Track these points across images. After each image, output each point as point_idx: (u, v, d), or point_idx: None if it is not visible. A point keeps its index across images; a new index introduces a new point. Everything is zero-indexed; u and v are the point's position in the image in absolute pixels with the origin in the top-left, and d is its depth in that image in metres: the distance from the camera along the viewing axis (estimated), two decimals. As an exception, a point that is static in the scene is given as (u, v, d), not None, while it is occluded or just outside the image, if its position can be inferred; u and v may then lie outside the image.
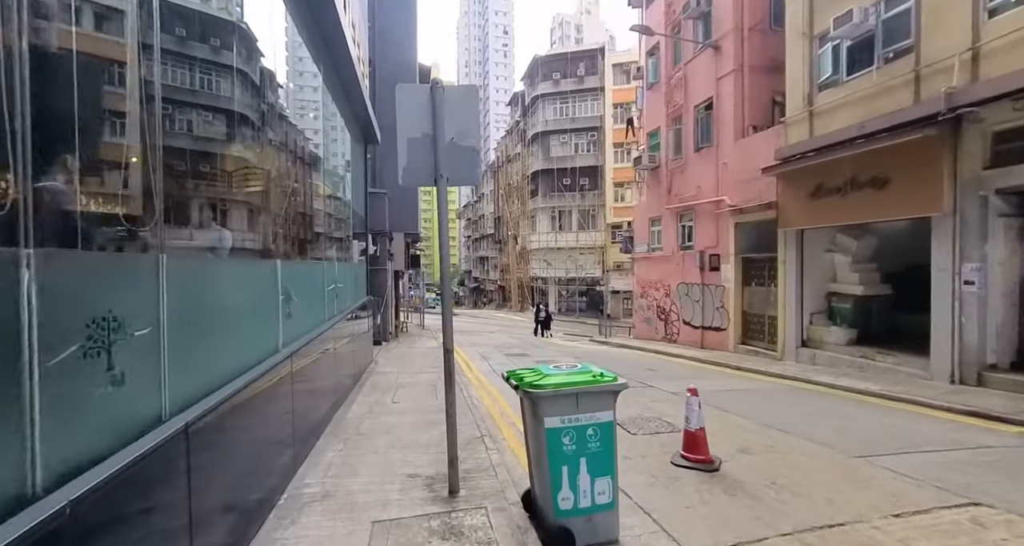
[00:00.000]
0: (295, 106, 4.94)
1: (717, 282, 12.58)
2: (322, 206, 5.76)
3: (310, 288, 4.51)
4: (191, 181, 2.69)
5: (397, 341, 14.83)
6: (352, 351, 6.82)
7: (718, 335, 12.51)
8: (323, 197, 5.90)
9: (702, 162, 13.20)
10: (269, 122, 3.84)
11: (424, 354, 11.64)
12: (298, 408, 3.64)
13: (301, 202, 4.76)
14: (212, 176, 3.06)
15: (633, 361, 11.04)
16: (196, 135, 2.82)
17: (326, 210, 6.00)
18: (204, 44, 2.90)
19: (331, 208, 6.51)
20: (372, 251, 13.03)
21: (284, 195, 4.03)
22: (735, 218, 11.81)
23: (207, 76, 2.89)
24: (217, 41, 3.03)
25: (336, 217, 6.83)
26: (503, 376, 3.07)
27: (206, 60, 2.89)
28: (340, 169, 7.65)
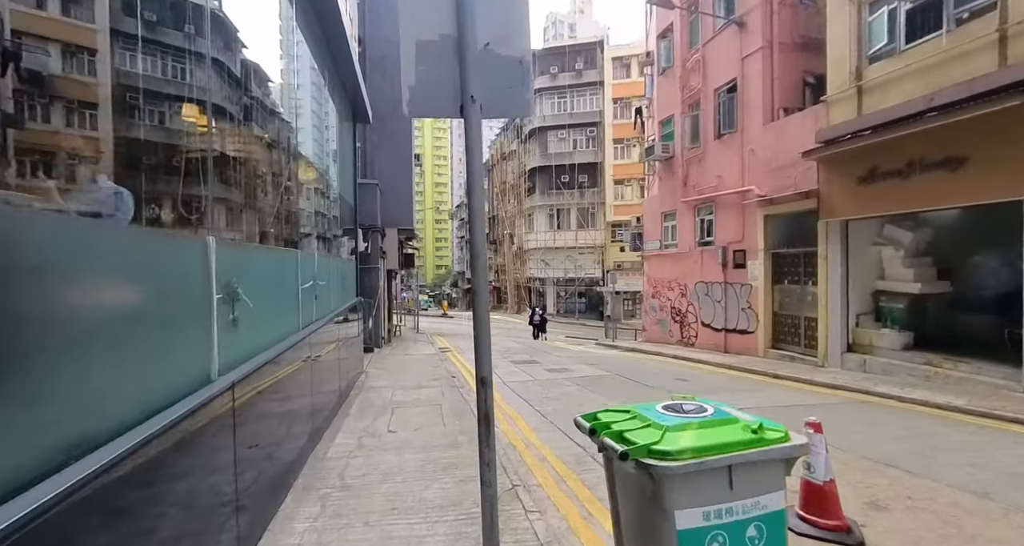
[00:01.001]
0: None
1: (743, 280, 11.49)
2: (297, 177, 4.53)
3: (275, 286, 3.27)
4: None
5: (390, 347, 13.56)
6: (338, 361, 5.58)
7: (744, 338, 11.41)
8: (297, 165, 4.66)
9: (724, 150, 12.12)
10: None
11: (421, 362, 10.39)
12: (248, 459, 2.42)
13: (263, 168, 3.53)
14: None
15: (656, 369, 9.89)
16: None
17: (304, 183, 4.78)
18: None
19: (310, 180, 5.27)
20: (363, 248, 11.77)
21: (231, 149, 2.81)
22: (764, 210, 10.73)
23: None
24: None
25: (319, 195, 5.60)
26: (579, 424, 1.87)
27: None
28: (324, 141, 6.40)
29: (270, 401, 2.94)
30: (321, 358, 4.57)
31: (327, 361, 4.94)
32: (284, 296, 3.47)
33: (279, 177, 3.96)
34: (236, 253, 2.63)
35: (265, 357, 2.75)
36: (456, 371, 9.24)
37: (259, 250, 2.91)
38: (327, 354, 4.90)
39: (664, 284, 15.03)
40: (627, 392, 7.17)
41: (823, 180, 9.02)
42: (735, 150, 11.66)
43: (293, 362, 3.47)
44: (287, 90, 4.70)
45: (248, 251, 2.80)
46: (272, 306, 3.15)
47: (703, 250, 13.07)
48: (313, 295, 4.30)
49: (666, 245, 15.09)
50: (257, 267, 2.82)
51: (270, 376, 2.89)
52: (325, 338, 4.72)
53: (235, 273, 2.44)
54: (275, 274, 3.21)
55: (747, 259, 11.35)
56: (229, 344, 2.32)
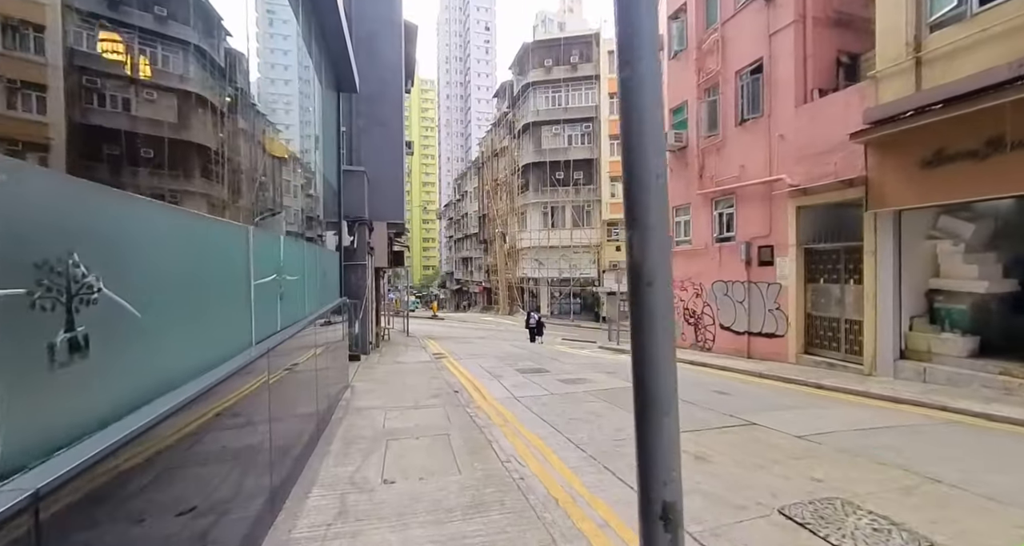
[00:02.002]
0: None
1: (769, 279, 10.48)
2: (249, 121, 3.26)
3: (198, 278, 2.00)
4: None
5: (379, 353, 12.24)
6: (316, 377, 4.32)
7: (772, 343, 10.39)
8: (247, 102, 3.38)
9: (747, 137, 11.11)
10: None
11: (416, 372, 9.12)
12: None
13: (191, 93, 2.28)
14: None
15: (683, 378, 8.75)
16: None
17: (266, 137, 3.51)
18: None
19: (275, 138, 3.98)
20: (348, 243, 10.45)
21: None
22: (796, 201, 9.72)
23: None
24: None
25: (293, 163, 4.32)
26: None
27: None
28: (301, 97, 5.09)
29: (193, 458, 1.71)
30: (291, 377, 3.31)
31: (301, 379, 3.68)
32: (219, 296, 2.21)
33: (214, 108, 2.69)
34: (110, 211, 1.39)
35: (168, 404, 1.50)
36: (456, 383, 8.00)
37: (155, 210, 1.65)
38: (301, 369, 3.64)
39: (676, 284, 13.96)
40: (667, 411, 6.00)
41: (873, 165, 8.01)
42: (760, 137, 10.64)
43: (239, 391, 2.22)
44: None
45: (121, 203, 1.50)
46: (192, 311, 1.89)
47: (722, 246, 12.05)
48: (277, 294, 3.04)
49: (678, 242, 14.04)
50: (147, 241, 1.57)
51: (192, 420, 1.65)
52: (297, 350, 3.47)
53: (100, 253, 1.20)
54: (197, 257, 1.95)
55: (775, 256, 10.34)
56: (65, 403, 1.07)
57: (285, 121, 4.75)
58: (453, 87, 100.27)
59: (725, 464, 3.96)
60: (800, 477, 3.66)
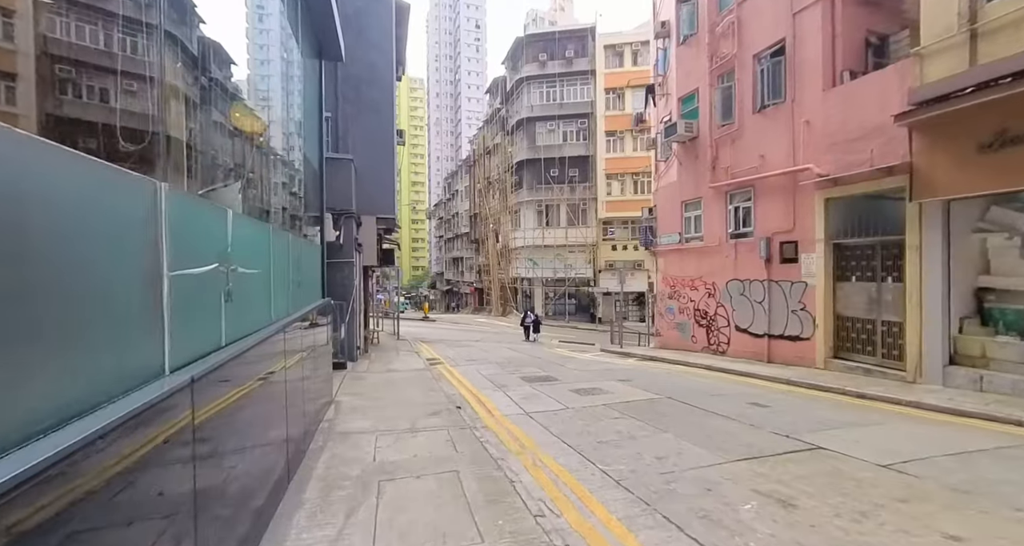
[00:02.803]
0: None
1: (793, 277, 9.70)
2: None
3: (40, 268, 1.01)
4: None
5: (368, 359, 11.21)
6: (290, 396, 3.35)
7: (796, 346, 9.60)
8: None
9: (767, 124, 10.33)
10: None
11: (410, 381, 8.14)
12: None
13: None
14: None
15: (707, 386, 7.92)
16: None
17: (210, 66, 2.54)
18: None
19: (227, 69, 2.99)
20: (333, 237, 9.44)
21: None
22: (825, 192, 8.95)
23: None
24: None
25: (251, 117, 3.34)
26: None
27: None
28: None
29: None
30: (246, 403, 2.35)
31: (262, 404, 2.72)
32: (83, 296, 1.25)
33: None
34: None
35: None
36: (457, 395, 7.04)
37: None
38: (262, 393, 2.68)
39: (685, 283, 13.17)
40: (707, 430, 5.14)
41: (919, 151, 7.24)
42: (783, 124, 9.87)
43: (136, 446, 1.25)
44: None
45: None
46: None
47: (737, 243, 11.26)
48: (219, 293, 2.07)
49: (687, 238, 13.25)
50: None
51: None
52: (258, 365, 2.50)
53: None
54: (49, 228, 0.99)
55: (799, 252, 9.56)
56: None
57: (258, 82, 3.77)
58: (443, 85, 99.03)
59: (820, 512, 3.08)
60: (927, 532, 2.79)
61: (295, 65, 5.09)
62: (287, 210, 3.88)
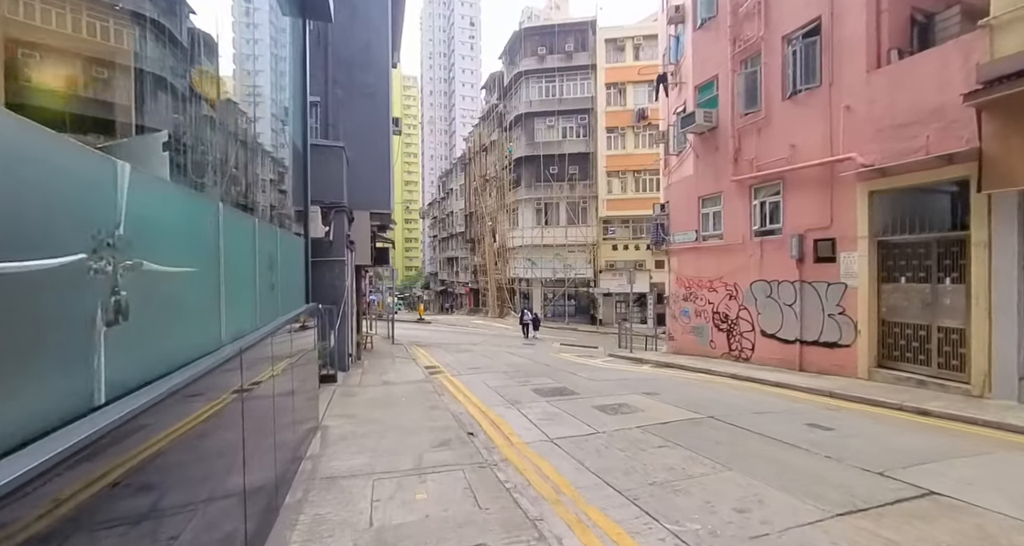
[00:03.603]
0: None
1: (830, 278, 8.84)
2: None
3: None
4: None
5: (361, 369, 10.18)
6: (254, 440, 2.37)
7: (834, 354, 8.75)
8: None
9: (799, 111, 9.48)
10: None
11: (411, 398, 7.14)
12: None
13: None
14: None
15: (745, 401, 7.01)
16: None
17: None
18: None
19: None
20: (324, 232, 8.42)
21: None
22: (870, 184, 8.10)
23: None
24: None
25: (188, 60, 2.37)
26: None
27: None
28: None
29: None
30: (175, 464, 1.36)
31: (205, 463, 1.73)
32: None
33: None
34: None
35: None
36: (466, 415, 6.07)
37: None
38: (206, 448, 1.70)
39: (703, 284, 12.30)
40: (779, 465, 4.23)
41: (990, 134, 6.39)
42: (818, 110, 9.01)
43: None
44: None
45: None
46: None
47: (763, 241, 10.40)
48: (99, 306, 1.10)
49: (705, 236, 12.38)
50: None
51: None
52: (182, 415, 1.53)
53: None
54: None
55: (837, 251, 8.71)
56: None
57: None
58: (437, 83, 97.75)
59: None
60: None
61: (267, 13, 4.10)
62: (253, 189, 2.91)
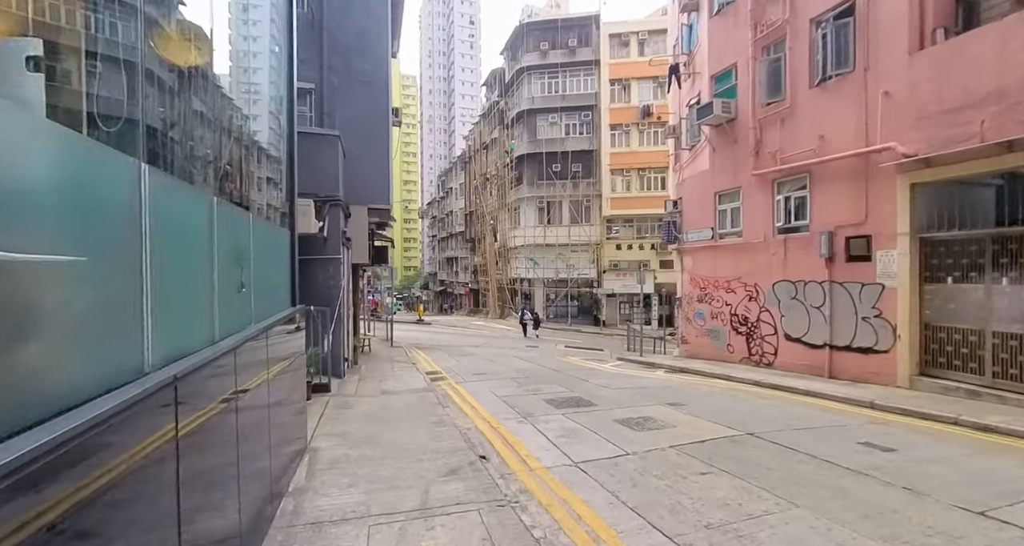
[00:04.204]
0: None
1: (864, 278, 8.19)
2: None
3: None
4: None
5: (358, 375, 9.48)
6: (203, 487, 1.67)
7: (869, 360, 8.09)
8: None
9: (829, 99, 8.83)
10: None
11: (412, 410, 6.44)
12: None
13: None
14: None
15: (789, 418, 6.35)
16: None
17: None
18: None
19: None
20: (317, 228, 7.74)
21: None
22: (912, 175, 7.45)
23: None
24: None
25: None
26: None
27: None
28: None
29: None
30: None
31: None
32: None
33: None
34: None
35: None
36: (474, 432, 5.40)
37: None
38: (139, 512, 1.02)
39: (720, 284, 11.64)
40: (851, 500, 3.58)
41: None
42: (851, 97, 8.36)
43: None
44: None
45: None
46: None
47: (787, 239, 9.75)
48: None
49: (722, 234, 11.72)
50: None
51: None
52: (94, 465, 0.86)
53: None
54: None
55: (873, 248, 8.06)
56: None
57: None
58: (436, 82, 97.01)
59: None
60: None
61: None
62: (215, 161, 2.23)
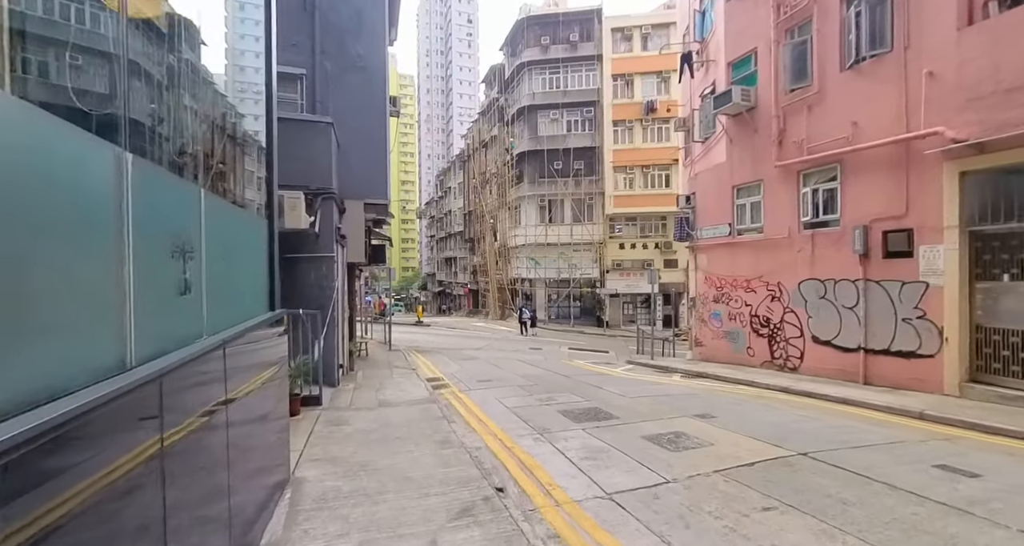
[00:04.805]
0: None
1: (905, 276, 7.54)
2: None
3: None
4: None
5: (353, 383, 8.77)
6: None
7: (911, 365, 7.43)
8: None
9: (863, 82, 8.17)
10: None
11: (413, 427, 5.73)
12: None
13: None
14: None
15: (838, 432, 5.67)
16: None
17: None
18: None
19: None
20: (308, 223, 7.04)
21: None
22: (961, 163, 6.79)
23: None
24: None
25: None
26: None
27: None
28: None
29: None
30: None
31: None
32: None
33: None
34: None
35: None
36: (484, 450, 4.71)
37: None
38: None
39: (737, 283, 10.98)
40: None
41: None
42: (889, 79, 7.70)
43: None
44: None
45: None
46: None
47: (815, 234, 9.09)
48: None
49: (740, 230, 11.06)
50: None
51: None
52: None
53: None
54: None
55: (915, 243, 7.40)
56: None
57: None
58: (434, 82, 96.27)
59: None
60: None
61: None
62: (131, 103, 1.55)
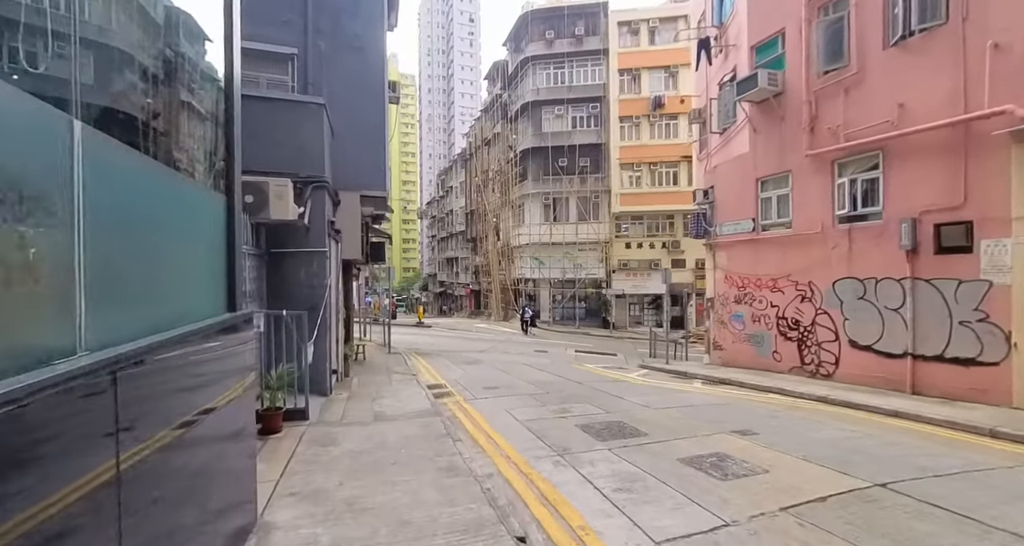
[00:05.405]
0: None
1: (963, 274, 6.76)
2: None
3: None
4: None
5: (348, 390, 7.99)
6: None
7: (971, 374, 6.65)
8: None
9: (911, 60, 7.40)
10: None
11: (413, 449, 4.94)
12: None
13: None
14: None
15: (904, 453, 4.89)
16: None
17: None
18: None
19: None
20: (297, 214, 6.27)
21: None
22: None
23: None
24: None
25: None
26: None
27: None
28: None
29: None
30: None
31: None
32: None
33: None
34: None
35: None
36: (496, 476, 3.94)
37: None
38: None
39: (762, 283, 10.20)
40: None
41: None
42: (943, 55, 6.93)
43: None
44: None
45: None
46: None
47: (852, 229, 8.32)
48: None
49: (765, 225, 10.29)
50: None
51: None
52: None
53: None
54: None
55: (975, 237, 6.62)
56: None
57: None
58: (435, 81, 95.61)
59: None
60: None
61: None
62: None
